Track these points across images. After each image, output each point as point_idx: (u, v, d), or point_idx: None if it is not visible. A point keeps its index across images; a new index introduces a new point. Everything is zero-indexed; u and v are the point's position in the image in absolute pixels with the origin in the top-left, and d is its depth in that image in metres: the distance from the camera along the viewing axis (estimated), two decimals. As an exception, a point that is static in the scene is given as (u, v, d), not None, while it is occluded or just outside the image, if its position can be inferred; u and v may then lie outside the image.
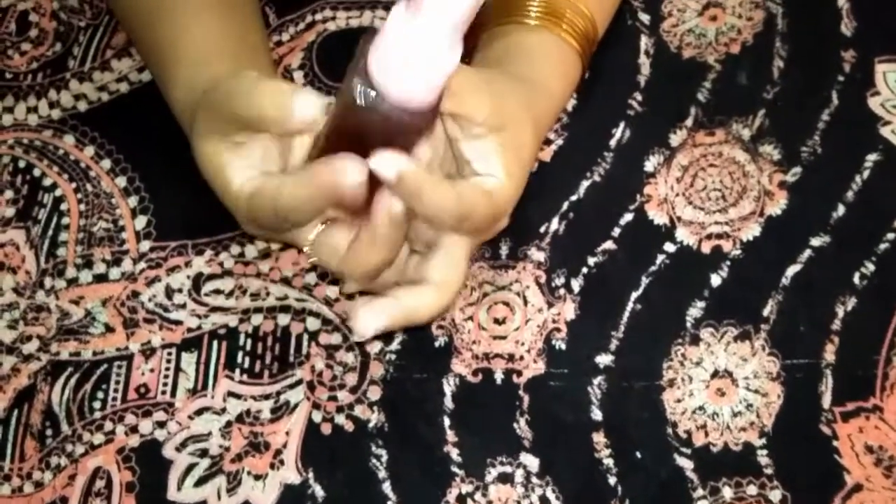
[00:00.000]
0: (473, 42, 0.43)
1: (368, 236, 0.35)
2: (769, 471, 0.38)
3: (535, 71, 0.41)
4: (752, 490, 0.38)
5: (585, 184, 0.44)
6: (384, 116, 0.32)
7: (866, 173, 0.43)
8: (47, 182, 0.47)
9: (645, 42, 0.46)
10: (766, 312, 0.41)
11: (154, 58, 0.43)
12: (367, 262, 0.36)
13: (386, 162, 0.33)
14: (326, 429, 0.41)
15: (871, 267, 0.41)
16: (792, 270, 0.41)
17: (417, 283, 0.37)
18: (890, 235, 0.41)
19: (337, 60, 0.48)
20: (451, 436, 0.40)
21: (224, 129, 0.37)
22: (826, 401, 0.39)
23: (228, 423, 0.42)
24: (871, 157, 0.43)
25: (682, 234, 0.43)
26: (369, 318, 0.36)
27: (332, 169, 0.34)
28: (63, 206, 0.47)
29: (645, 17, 0.47)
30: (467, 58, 0.44)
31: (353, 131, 0.34)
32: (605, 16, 0.44)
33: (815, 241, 0.42)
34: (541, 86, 0.40)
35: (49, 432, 0.42)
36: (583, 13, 0.41)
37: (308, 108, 0.34)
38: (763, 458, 0.39)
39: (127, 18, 0.45)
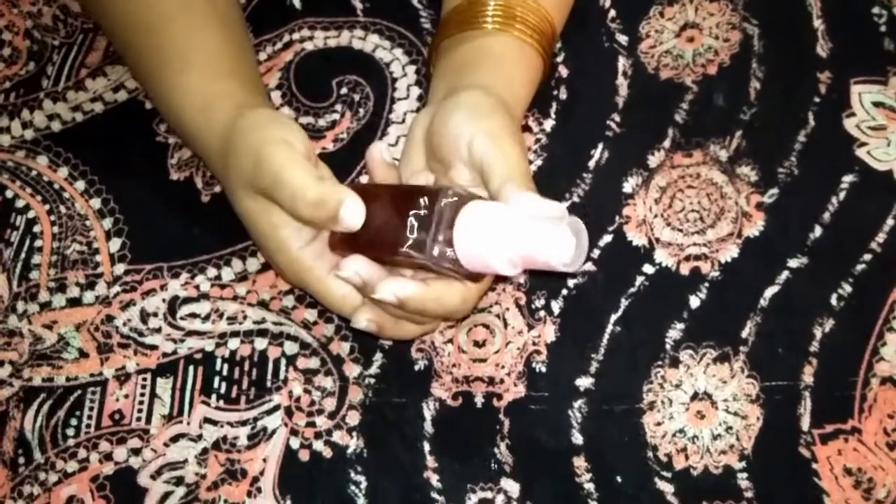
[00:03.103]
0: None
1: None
2: (749, 494, 0.38)
3: (504, 78, 0.41)
4: (732, 513, 0.38)
5: (565, 205, 0.44)
6: (431, 241, 0.35)
7: (842, 194, 0.43)
8: (20, 204, 0.47)
9: (623, 63, 0.47)
10: (744, 334, 0.41)
11: (155, 68, 0.43)
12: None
13: (388, 289, 0.36)
14: (304, 455, 0.41)
15: (847, 288, 0.41)
16: (770, 292, 0.41)
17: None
18: (866, 256, 0.42)
19: (314, 80, 0.48)
20: (430, 461, 0.40)
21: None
22: (805, 423, 0.39)
23: (205, 450, 0.41)
24: (847, 179, 0.43)
25: (661, 255, 0.43)
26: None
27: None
28: (36, 229, 0.46)
29: (623, 39, 0.47)
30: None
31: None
32: (562, 8, 0.44)
33: (793, 263, 0.42)
34: (513, 97, 0.41)
35: (21, 460, 0.41)
36: (535, 9, 0.42)
37: (355, 216, 0.36)
38: (743, 481, 0.39)
39: (122, 28, 0.44)
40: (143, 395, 0.42)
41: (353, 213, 0.36)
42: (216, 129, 0.40)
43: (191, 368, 0.42)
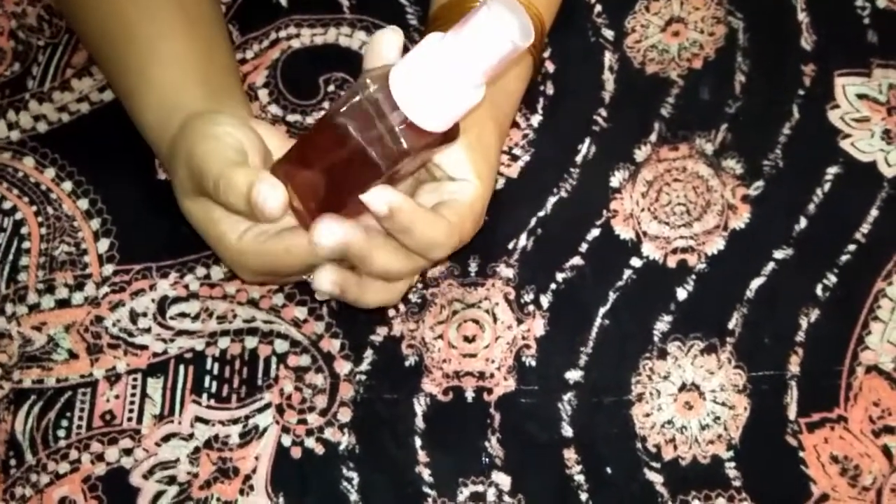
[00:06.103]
0: None
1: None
2: (738, 483, 0.39)
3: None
4: (721, 503, 0.39)
5: (552, 200, 0.44)
6: (388, 134, 0.32)
7: (827, 186, 0.43)
8: (7, 205, 0.46)
9: (609, 58, 0.47)
10: (731, 325, 0.41)
11: (121, 81, 0.43)
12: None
13: (377, 197, 0.34)
14: (296, 452, 0.41)
15: (833, 278, 0.42)
16: (756, 283, 0.42)
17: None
18: (851, 247, 0.42)
19: (302, 78, 0.48)
20: (422, 456, 0.40)
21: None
22: (792, 412, 0.40)
23: (196, 449, 0.41)
24: (832, 170, 0.44)
25: (648, 248, 0.43)
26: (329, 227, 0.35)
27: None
28: (23, 230, 0.46)
29: (609, 34, 0.47)
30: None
31: (342, 153, 0.34)
32: (551, 5, 0.44)
33: (779, 254, 0.42)
34: (499, 87, 0.41)
35: (13, 462, 0.41)
36: (524, 6, 0.42)
37: (271, 197, 0.35)
38: (731, 470, 0.39)
39: (90, 40, 0.45)
40: (133, 395, 0.42)
41: (267, 195, 0.34)
42: (165, 141, 0.40)
43: (181, 368, 0.43)
